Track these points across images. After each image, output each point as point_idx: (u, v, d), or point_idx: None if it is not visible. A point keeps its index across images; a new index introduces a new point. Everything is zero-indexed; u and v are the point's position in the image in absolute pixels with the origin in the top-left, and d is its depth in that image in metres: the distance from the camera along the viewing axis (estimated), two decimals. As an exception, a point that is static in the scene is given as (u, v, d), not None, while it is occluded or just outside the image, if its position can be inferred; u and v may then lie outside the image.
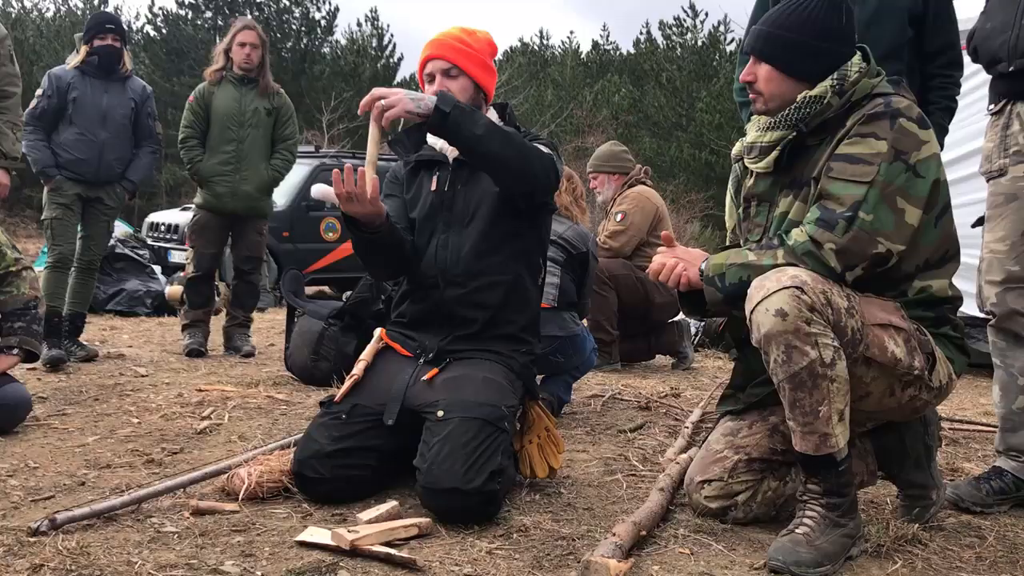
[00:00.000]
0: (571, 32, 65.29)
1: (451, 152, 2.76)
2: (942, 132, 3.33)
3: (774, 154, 2.31)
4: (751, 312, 2.08)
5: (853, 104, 2.24)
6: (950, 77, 3.31)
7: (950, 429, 3.71)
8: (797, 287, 2.01)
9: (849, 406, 2.08)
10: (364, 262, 2.81)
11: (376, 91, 2.48)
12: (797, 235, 2.17)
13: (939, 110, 3.32)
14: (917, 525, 2.32)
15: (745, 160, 2.42)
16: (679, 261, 2.30)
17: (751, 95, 2.38)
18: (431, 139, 2.84)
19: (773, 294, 2.03)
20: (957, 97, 3.36)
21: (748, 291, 2.10)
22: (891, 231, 2.12)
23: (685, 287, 2.29)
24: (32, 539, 2.09)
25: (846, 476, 2.13)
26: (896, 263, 2.18)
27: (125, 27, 5.33)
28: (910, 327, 2.16)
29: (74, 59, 4.95)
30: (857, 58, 2.29)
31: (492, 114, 2.80)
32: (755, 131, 2.38)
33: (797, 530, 2.11)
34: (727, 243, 2.56)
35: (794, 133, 2.27)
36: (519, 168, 2.55)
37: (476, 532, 2.28)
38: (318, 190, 2.58)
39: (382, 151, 2.77)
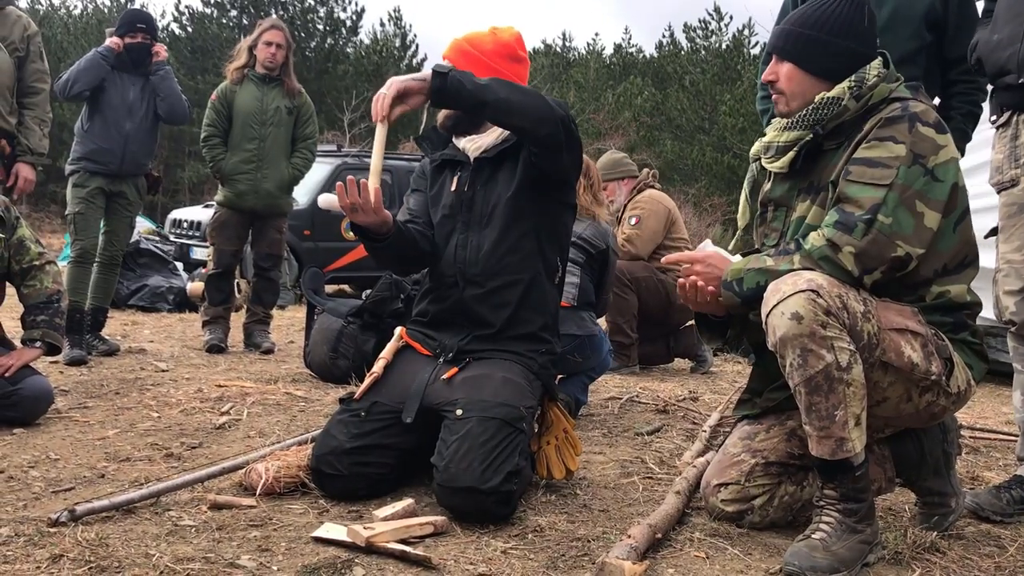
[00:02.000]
0: (596, 34, 65.31)
1: (472, 152, 2.77)
2: (964, 138, 3.30)
3: (790, 155, 2.31)
4: (767, 316, 2.07)
5: (870, 108, 2.24)
6: (974, 83, 3.28)
7: (971, 438, 3.68)
8: (813, 291, 2.00)
9: (866, 411, 2.07)
10: (378, 263, 2.85)
11: (376, 95, 2.49)
12: (814, 239, 2.15)
13: (961, 115, 3.29)
14: (936, 533, 2.30)
15: (762, 160, 2.42)
16: (700, 275, 2.28)
17: (773, 96, 2.37)
18: (455, 140, 2.84)
19: (789, 297, 2.02)
20: (982, 103, 3.33)
21: (764, 295, 2.10)
22: (910, 234, 2.11)
23: (714, 296, 2.28)
24: (52, 530, 2.12)
25: (863, 482, 2.11)
26: (914, 268, 2.16)
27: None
28: (927, 332, 2.15)
29: None
30: (877, 63, 2.29)
31: None
32: (773, 132, 2.39)
33: (813, 535, 2.09)
34: (736, 240, 2.56)
35: (811, 135, 2.27)
36: (535, 106, 2.53)
37: (491, 531, 2.28)
38: (324, 200, 2.62)
39: (390, 152, 2.80)
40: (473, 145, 2.78)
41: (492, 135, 2.76)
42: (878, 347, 2.06)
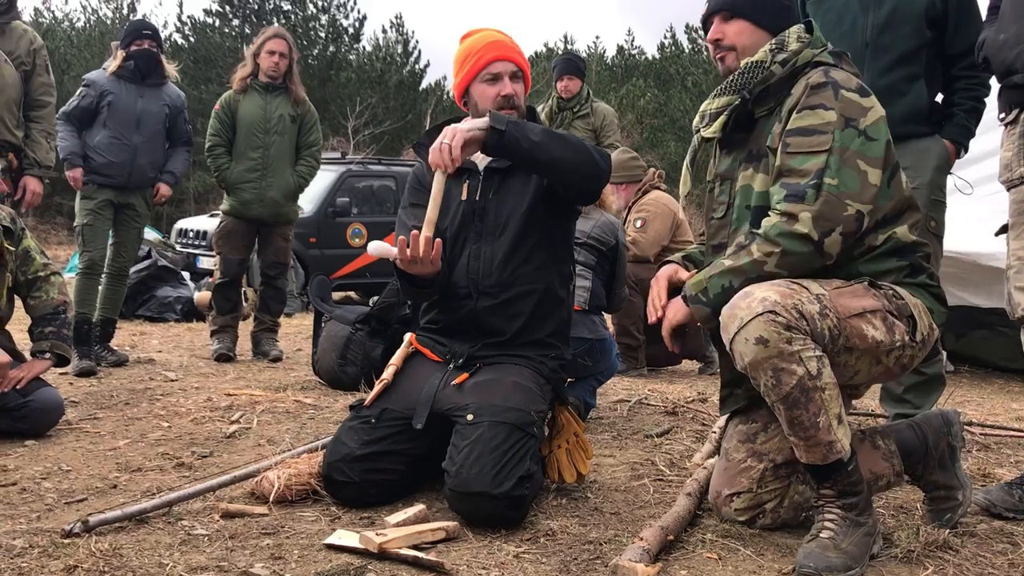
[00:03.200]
0: (597, 36, 65.04)
1: (481, 161, 2.76)
2: (967, 134, 3.30)
3: (721, 119, 2.37)
4: (731, 343, 2.08)
5: (796, 71, 2.29)
6: (976, 78, 3.28)
7: (981, 434, 3.67)
8: (770, 311, 2.00)
9: (843, 406, 2.09)
10: (408, 299, 2.82)
11: (436, 144, 2.49)
12: (767, 221, 2.18)
13: (964, 111, 3.29)
14: (948, 531, 2.29)
15: (702, 130, 2.46)
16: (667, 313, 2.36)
17: (717, 55, 2.43)
18: None
19: (748, 323, 2.02)
20: (985, 98, 3.32)
21: (722, 320, 2.10)
22: (858, 191, 2.14)
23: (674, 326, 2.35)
24: (66, 541, 2.13)
25: (856, 474, 2.13)
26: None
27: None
28: (884, 303, 2.14)
29: (111, 64, 5.01)
30: (797, 28, 2.35)
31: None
32: (707, 101, 2.45)
33: (822, 535, 2.10)
34: (680, 201, 2.61)
35: (739, 99, 2.33)
36: (583, 164, 2.58)
37: (503, 536, 2.28)
38: (375, 248, 2.58)
39: (393, 158, 2.79)
40: (481, 154, 2.75)
41: None
42: (840, 336, 2.07)
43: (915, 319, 2.18)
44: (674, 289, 2.47)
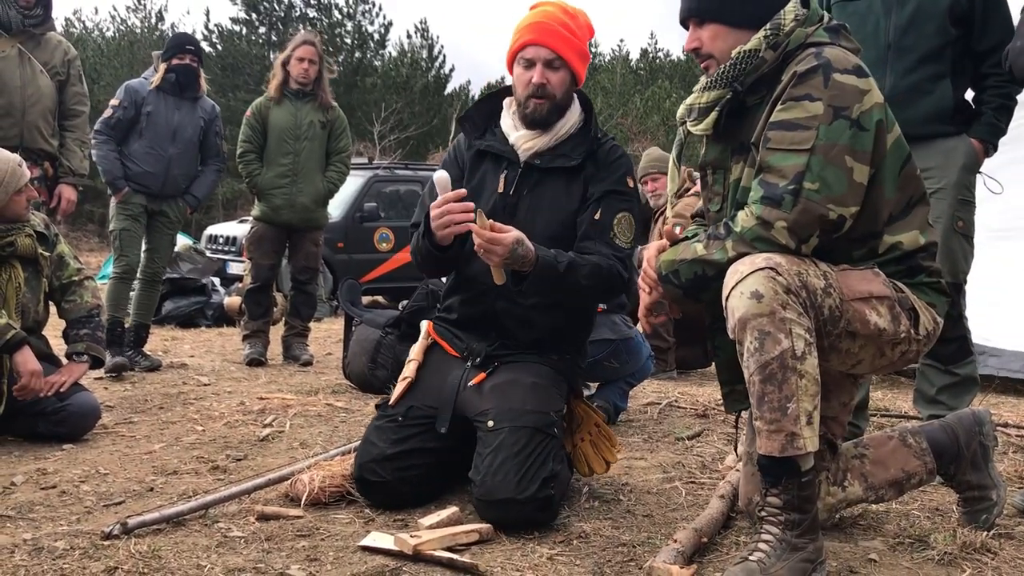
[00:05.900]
0: (621, 40, 64.59)
1: (523, 153, 2.67)
2: (997, 132, 3.26)
3: (712, 116, 2.19)
4: (726, 299, 1.98)
5: (788, 55, 2.11)
6: (1005, 75, 3.24)
7: (1018, 436, 3.63)
8: (771, 268, 1.92)
9: (819, 410, 1.95)
10: (419, 265, 2.72)
11: (492, 238, 2.39)
12: (744, 220, 2.03)
13: (992, 109, 3.25)
14: (986, 533, 2.27)
15: (687, 124, 2.31)
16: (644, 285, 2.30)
17: (702, 65, 2.25)
18: (505, 128, 2.72)
19: (747, 277, 1.93)
20: (1016, 95, 3.28)
21: (725, 280, 2.00)
22: (842, 193, 1.99)
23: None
24: (106, 543, 2.16)
25: (809, 490, 1.99)
26: (860, 222, 2.06)
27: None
28: (892, 292, 2.06)
29: (154, 76, 5.08)
30: (793, 4, 2.15)
31: (575, 105, 2.74)
32: (695, 93, 2.26)
33: (751, 556, 1.95)
34: (670, 206, 2.51)
35: (731, 93, 2.15)
36: (603, 286, 2.62)
37: (536, 538, 2.29)
38: (441, 177, 2.48)
39: (419, 162, 2.71)
40: (524, 144, 2.67)
41: (547, 136, 2.67)
42: (842, 319, 1.98)
43: (917, 312, 2.09)
44: None
